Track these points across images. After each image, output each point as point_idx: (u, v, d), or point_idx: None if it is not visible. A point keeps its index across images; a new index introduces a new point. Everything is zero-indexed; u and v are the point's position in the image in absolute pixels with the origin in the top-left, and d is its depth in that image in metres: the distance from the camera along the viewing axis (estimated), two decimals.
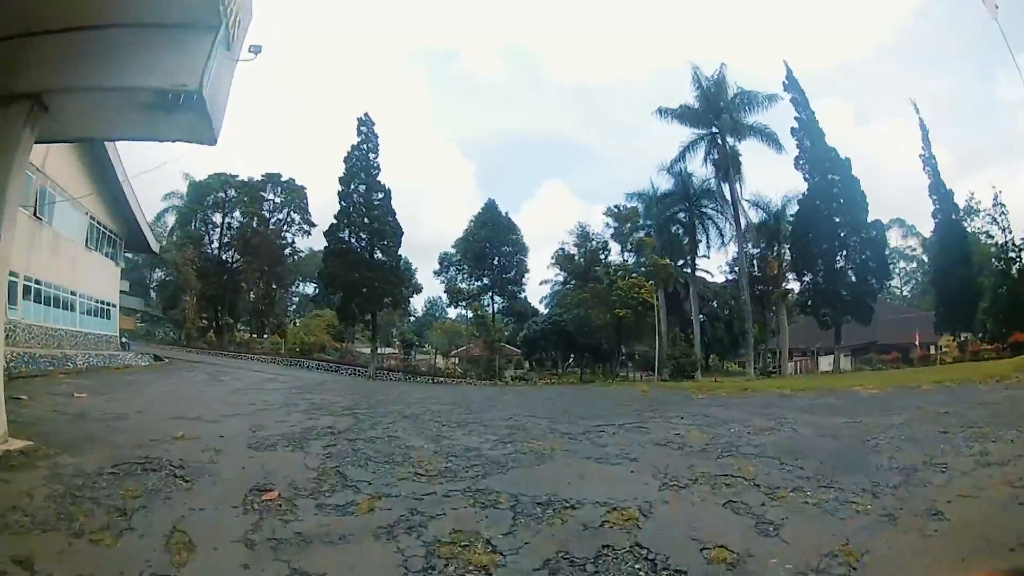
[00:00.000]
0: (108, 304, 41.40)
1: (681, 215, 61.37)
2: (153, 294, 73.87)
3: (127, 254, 60.53)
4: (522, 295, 70.98)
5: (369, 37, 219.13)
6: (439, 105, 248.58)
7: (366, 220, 39.58)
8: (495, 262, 68.22)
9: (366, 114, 39.94)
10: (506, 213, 69.29)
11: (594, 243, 53.22)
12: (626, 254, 53.91)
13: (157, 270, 73.84)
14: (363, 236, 39.95)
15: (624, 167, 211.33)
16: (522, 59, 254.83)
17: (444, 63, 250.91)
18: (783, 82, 43.92)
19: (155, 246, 48.19)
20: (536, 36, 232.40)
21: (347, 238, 39.99)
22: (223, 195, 69.22)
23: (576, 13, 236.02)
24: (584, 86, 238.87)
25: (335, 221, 41.14)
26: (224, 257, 68.97)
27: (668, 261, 54.15)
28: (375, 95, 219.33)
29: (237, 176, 69.86)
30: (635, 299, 45.44)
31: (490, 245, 67.39)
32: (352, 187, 39.86)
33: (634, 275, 47.15)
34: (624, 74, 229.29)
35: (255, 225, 67.90)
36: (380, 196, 40.30)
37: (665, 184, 62.13)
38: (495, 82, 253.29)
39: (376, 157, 40.38)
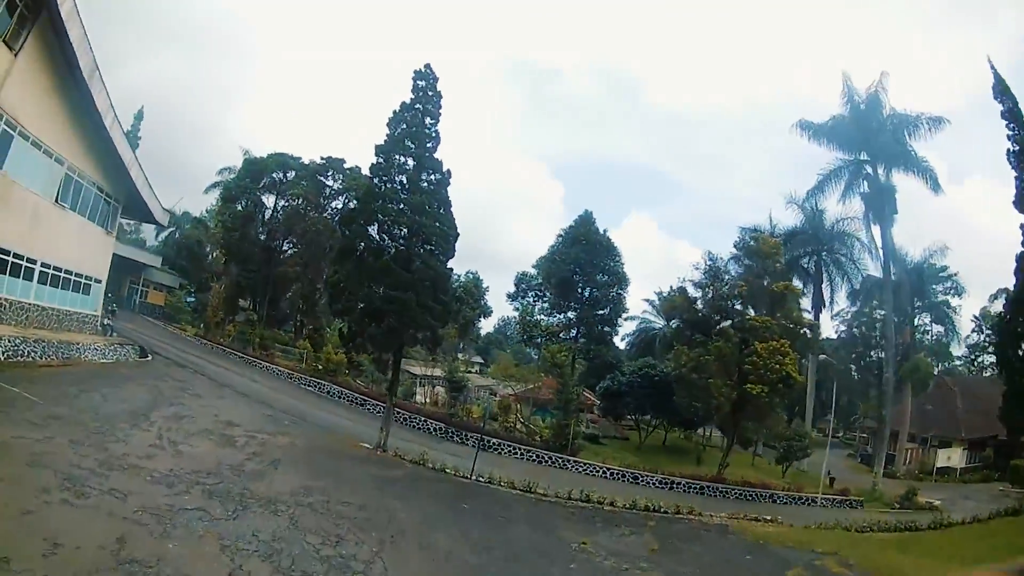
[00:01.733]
0: (87, 277, 33.92)
1: (804, 260, 50.61)
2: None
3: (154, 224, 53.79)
4: (612, 339, 59.17)
5: (471, 46, 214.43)
6: (533, 122, 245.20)
7: (405, 208, 26.98)
8: (585, 293, 56.96)
9: (427, 66, 28.09)
10: (604, 231, 57.66)
11: (727, 286, 40.21)
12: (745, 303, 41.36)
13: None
14: (398, 233, 27.40)
15: (712, 203, 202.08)
16: (619, 82, 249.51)
17: (543, 80, 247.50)
18: (992, 88, 31.14)
19: (161, 216, 40.09)
20: (634, 59, 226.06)
21: (373, 233, 27.44)
22: (280, 176, 61.37)
23: (677, 38, 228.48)
24: (678, 114, 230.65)
25: (357, 205, 29.66)
26: (273, 244, 60.60)
27: (814, 319, 43.19)
28: (471, 105, 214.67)
29: (300, 158, 62.22)
30: (775, 371, 34.47)
31: (581, 270, 56.10)
32: (393, 160, 27.42)
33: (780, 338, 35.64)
34: (718, 103, 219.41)
35: (303, 210, 59.29)
36: (435, 178, 27.82)
37: (788, 220, 51.75)
38: (590, 103, 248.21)
39: (434, 124, 27.87)
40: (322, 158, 61.74)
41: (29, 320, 28.57)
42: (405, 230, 27.30)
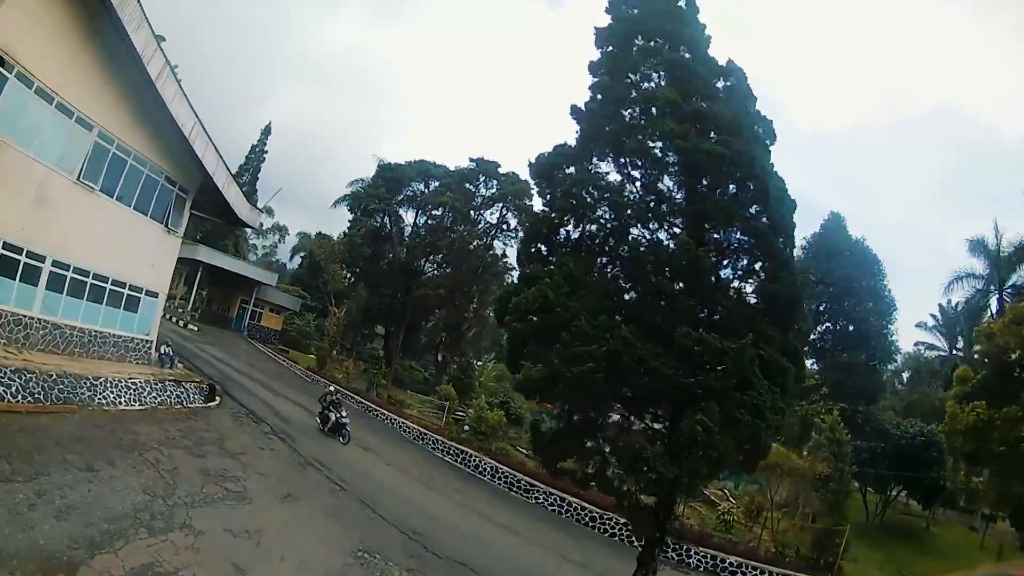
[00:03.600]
0: (133, 287, 23.98)
1: None
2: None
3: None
4: (879, 393, 42.22)
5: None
6: None
7: (681, 140, 11.91)
8: (836, 327, 41.53)
9: None
10: (862, 239, 41.97)
11: None
12: None
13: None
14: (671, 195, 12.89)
15: (859, 229, 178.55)
16: (760, 103, 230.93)
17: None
18: None
19: (249, 216, 29.81)
20: (776, 79, 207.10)
21: (603, 215, 12.60)
22: (422, 188, 50.98)
23: (818, 57, 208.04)
24: (821, 135, 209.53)
25: (577, 141, 13.44)
26: (414, 265, 50.00)
27: None
28: None
29: (444, 166, 51.43)
30: None
31: (843, 295, 40.71)
32: (634, 52, 13.03)
33: None
34: (862, 122, 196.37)
35: (450, 223, 48.46)
36: (729, 84, 13.42)
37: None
38: None
39: (692, 9, 13.91)
40: (471, 160, 50.68)
41: (30, 340, 19.46)
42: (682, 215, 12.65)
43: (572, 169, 12.51)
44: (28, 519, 10.11)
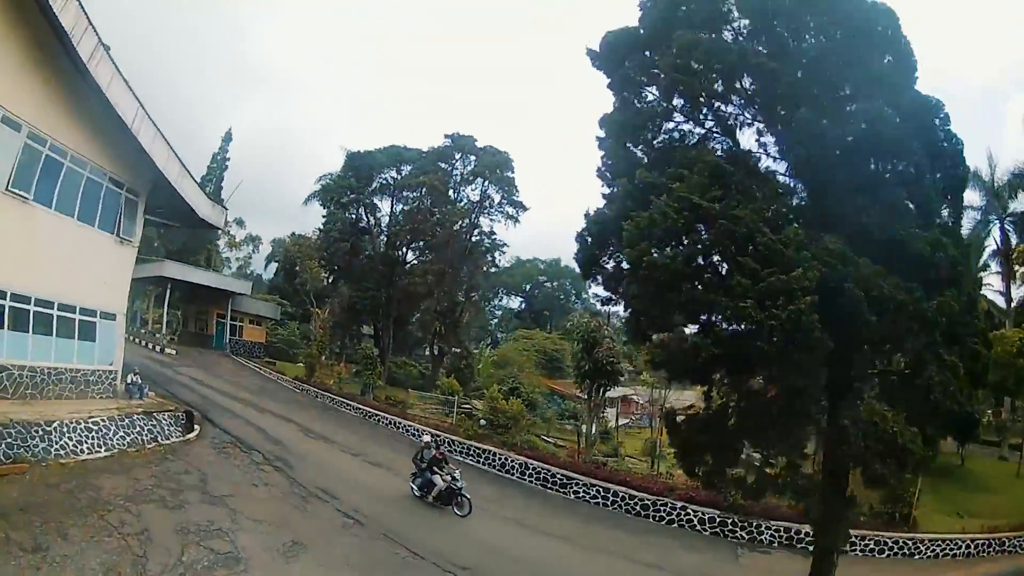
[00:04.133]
0: (86, 311, 20.79)
1: None
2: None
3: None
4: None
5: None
6: None
7: None
8: None
9: None
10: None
11: None
12: None
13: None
14: None
15: None
16: None
17: None
18: None
19: (210, 213, 26.64)
20: None
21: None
22: (394, 175, 48.40)
23: None
24: None
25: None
26: (396, 255, 47.58)
27: None
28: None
29: (417, 149, 48.78)
30: None
31: None
32: None
33: None
34: None
35: (429, 205, 45.94)
36: None
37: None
38: None
39: None
40: (446, 136, 48.37)
41: None
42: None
43: (636, 63, 9.60)
44: None
